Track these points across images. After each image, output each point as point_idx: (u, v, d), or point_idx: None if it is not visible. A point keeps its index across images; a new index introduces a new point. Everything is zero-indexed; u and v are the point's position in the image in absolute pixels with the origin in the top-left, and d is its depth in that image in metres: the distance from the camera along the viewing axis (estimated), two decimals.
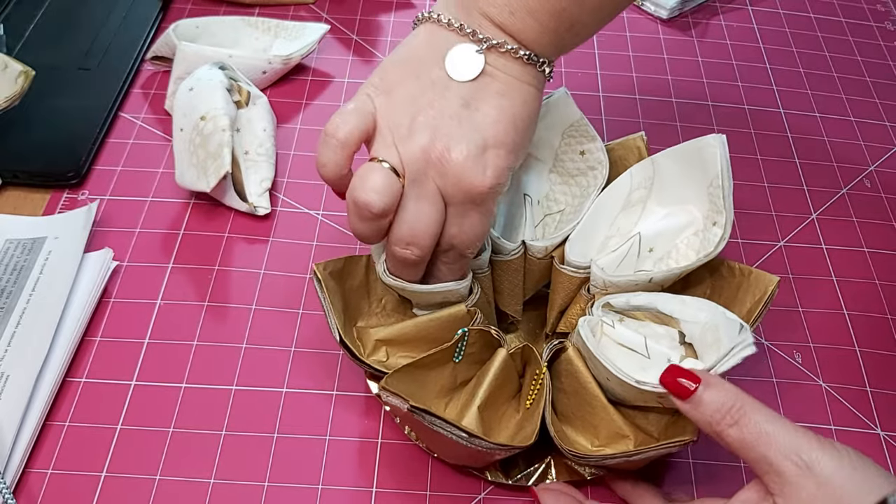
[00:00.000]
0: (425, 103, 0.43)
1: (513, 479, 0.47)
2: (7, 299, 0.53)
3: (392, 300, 0.51)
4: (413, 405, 0.42)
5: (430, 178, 0.42)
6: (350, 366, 0.52)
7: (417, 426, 0.45)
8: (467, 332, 0.47)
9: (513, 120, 0.43)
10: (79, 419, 0.49)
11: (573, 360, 0.46)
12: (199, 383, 0.51)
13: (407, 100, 0.43)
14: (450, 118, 0.42)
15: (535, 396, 0.47)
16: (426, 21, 0.45)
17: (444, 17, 0.44)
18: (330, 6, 0.78)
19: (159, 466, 0.47)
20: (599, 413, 0.46)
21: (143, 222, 0.59)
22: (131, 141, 0.65)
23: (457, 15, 0.44)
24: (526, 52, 0.43)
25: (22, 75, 0.61)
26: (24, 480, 0.46)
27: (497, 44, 0.43)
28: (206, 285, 0.56)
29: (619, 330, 0.47)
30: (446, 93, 0.43)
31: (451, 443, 0.43)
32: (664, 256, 0.51)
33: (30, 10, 0.74)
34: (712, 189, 0.48)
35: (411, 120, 0.43)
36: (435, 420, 0.42)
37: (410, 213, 0.43)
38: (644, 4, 0.80)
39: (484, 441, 0.42)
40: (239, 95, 0.62)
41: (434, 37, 0.44)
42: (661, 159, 0.51)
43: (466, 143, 0.42)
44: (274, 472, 0.48)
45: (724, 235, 0.47)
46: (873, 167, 0.67)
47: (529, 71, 0.44)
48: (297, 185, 0.63)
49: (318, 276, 0.47)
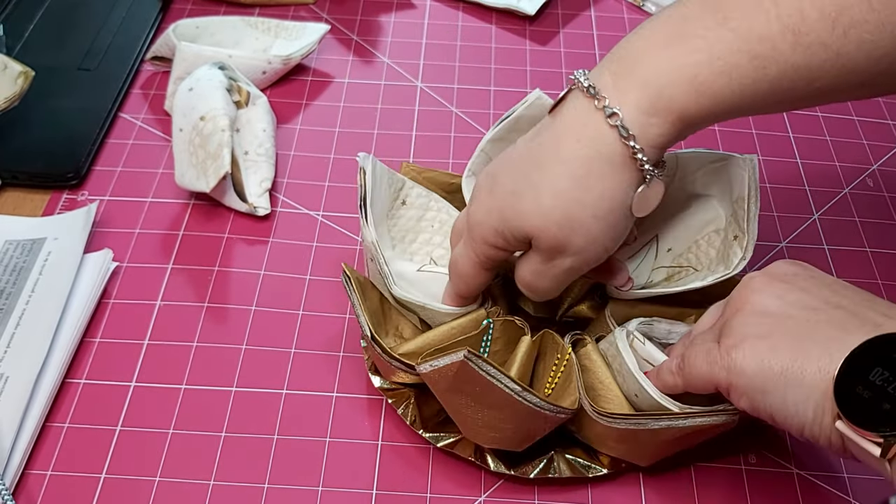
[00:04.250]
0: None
1: (515, 471, 0.47)
2: (6, 300, 0.53)
3: (408, 328, 0.50)
4: (471, 351, 0.41)
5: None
6: (350, 367, 0.52)
7: (460, 392, 0.44)
8: (492, 323, 0.47)
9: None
10: (78, 420, 0.49)
11: (592, 355, 0.47)
12: (199, 384, 0.51)
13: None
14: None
15: (557, 381, 0.47)
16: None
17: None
18: (330, 6, 0.78)
19: (159, 468, 0.47)
20: (616, 407, 0.46)
21: (143, 223, 0.59)
22: (131, 141, 0.65)
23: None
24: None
25: (22, 76, 0.61)
26: (23, 482, 0.46)
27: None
28: (205, 286, 0.56)
29: (649, 347, 0.46)
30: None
31: (496, 406, 0.42)
32: (684, 252, 0.50)
33: (30, 10, 0.74)
34: (737, 207, 0.48)
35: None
36: (490, 368, 0.41)
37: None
38: (644, 5, 0.80)
39: (535, 396, 0.42)
40: (239, 95, 0.62)
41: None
42: (685, 156, 0.50)
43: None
44: (274, 473, 0.47)
45: (744, 256, 0.47)
46: (876, 166, 0.67)
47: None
48: (297, 186, 0.62)
49: (348, 274, 0.47)
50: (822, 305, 0.40)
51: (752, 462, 0.49)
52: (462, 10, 0.78)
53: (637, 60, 0.41)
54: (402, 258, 0.52)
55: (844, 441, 0.37)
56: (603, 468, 0.47)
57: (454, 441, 0.48)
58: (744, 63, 0.39)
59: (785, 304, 0.40)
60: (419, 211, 0.53)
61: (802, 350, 0.38)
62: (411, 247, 0.53)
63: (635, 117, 0.41)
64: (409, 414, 0.49)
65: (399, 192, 0.53)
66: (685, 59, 0.40)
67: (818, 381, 0.37)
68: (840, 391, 0.36)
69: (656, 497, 0.48)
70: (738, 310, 0.42)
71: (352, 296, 0.47)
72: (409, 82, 0.71)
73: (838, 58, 0.39)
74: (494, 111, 0.69)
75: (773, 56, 0.39)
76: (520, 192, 0.43)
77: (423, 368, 0.43)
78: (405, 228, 0.53)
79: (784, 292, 0.41)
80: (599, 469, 0.47)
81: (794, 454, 0.50)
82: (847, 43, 0.39)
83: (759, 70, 0.40)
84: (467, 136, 0.67)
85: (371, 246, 0.48)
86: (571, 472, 0.47)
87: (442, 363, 0.42)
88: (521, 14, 0.77)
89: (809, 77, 0.40)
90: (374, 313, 0.49)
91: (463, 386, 0.43)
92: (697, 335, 0.45)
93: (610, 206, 0.42)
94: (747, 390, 0.39)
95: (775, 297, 0.41)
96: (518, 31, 0.77)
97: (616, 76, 0.42)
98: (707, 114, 0.41)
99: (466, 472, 0.48)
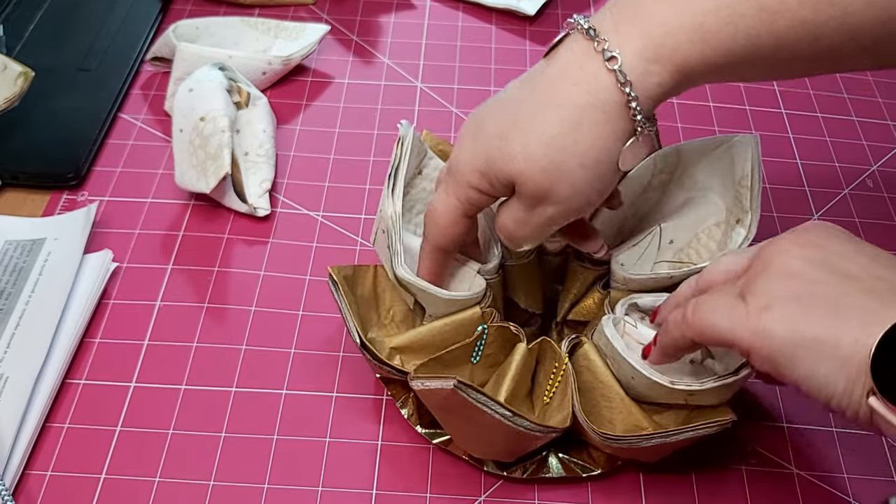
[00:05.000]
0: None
1: (508, 472, 0.47)
2: (6, 300, 0.53)
3: (400, 311, 0.50)
4: (460, 381, 0.41)
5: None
6: (350, 367, 0.52)
7: (451, 412, 0.44)
8: (486, 329, 0.47)
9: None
10: (78, 421, 0.49)
11: (589, 355, 0.47)
12: (199, 385, 0.51)
13: None
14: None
15: (555, 389, 0.47)
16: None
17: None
18: (330, 7, 0.78)
19: (159, 468, 0.47)
20: (617, 407, 0.46)
21: (143, 223, 0.59)
22: (131, 142, 0.65)
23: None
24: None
25: (21, 76, 0.61)
26: (23, 482, 0.46)
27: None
28: (205, 286, 0.56)
29: (641, 329, 0.46)
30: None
31: (487, 427, 0.42)
32: (685, 247, 0.50)
33: (30, 10, 0.74)
34: (740, 188, 0.48)
35: None
36: (480, 396, 0.41)
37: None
38: None
39: (525, 420, 0.42)
40: (239, 96, 0.62)
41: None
42: (687, 148, 0.50)
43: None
44: (274, 473, 0.47)
45: (748, 236, 0.47)
46: (876, 167, 0.67)
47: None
48: (297, 187, 0.62)
49: (334, 279, 0.47)
50: (860, 273, 0.38)
51: (752, 462, 0.49)
52: (462, 10, 0.78)
53: (641, 5, 0.41)
54: (408, 229, 0.51)
55: (873, 416, 0.36)
56: (598, 468, 0.47)
57: (450, 439, 0.48)
58: (751, 14, 0.39)
59: (820, 269, 0.38)
60: (431, 183, 0.52)
61: (837, 319, 0.36)
62: (417, 217, 0.52)
63: (635, 63, 0.40)
64: (408, 408, 0.49)
65: (420, 162, 0.52)
66: (692, 6, 0.39)
67: (853, 353, 0.35)
68: (877, 366, 0.34)
69: (656, 497, 0.48)
70: (768, 269, 0.39)
71: (340, 302, 0.47)
72: (409, 82, 0.71)
73: (846, 16, 0.39)
74: None
75: (780, 9, 0.39)
76: (507, 135, 0.42)
77: (415, 385, 0.43)
78: (415, 199, 0.52)
79: (820, 255, 0.39)
80: (594, 469, 0.47)
81: (794, 454, 0.50)
82: (856, 1, 0.39)
83: (766, 23, 0.39)
84: None
85: (389, 219, 0.47)
86: (566, 472, 0.47)
87: (432, 385, 0.42)
88: (521, 14, 0.77)
89: (816, 34, 0.39)
90: (366, 298, 0.49)
91: (453, 408, 0.43)
92: (714, 286, 0.42)
93: (598, 157, 0.41)
94: (773, 355, 0.37)
95: (809, 261, 0.38)
96: (518, 32, 0.77)
97: (618, 19, 0.41)
98: (709, 65, 0.40)
99: (466, 473, 0.48)
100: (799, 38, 0.39)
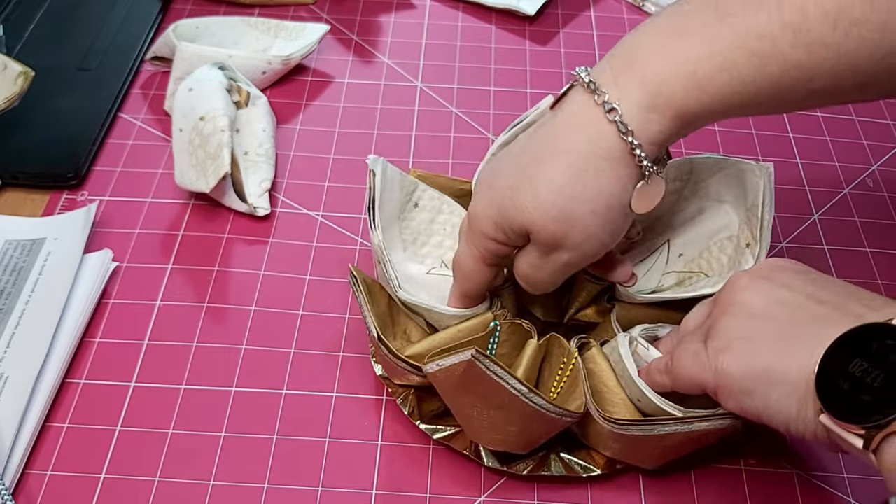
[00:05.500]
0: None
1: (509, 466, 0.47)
2: (6, 300, 0.53)
3: (416, 331, 0.50)
4: (478, 350, 0.41)
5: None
6: (350, 367, 0.52)
7: (467, 392, 0.44)
8: (499, 325, 0.47)
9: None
10: (78, 420, 0.49)
11: (596, 359, 0.47)
12: (199, 385, 0.51)
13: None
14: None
15: (563, 384, 0.47)
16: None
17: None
18: (330, 6, 0.78)
19: (159, 468, 0.47)
20: (621, 411, 0.46)
21: (143, 223, 0.59)
22: (131, 141, 0.65)
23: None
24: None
25: (21, 76, 0.61)
26: (23, 482, 0.46)
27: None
28: (205, 286, 0.56)
29: (652, 352, 0.46)
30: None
31: (502, 408, 0.42)
32: (696, 258, 0.50)
33: (30, 10, 0.74)
34: (750, 214, 0.48)
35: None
36: (497, 368, 0.41)
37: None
38: (644, 5, 0.80)
39: (540, 399, 0.42)
40: (238, 96, 0.62)
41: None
42: (699, 160, 0.50)
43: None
44: (274, 473, 0.47)
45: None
46: (876, 166, 0.67)
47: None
48: (296, 186, 0.62)
49: (355, 275, 0.47)
50: (805, 301, 0.40)
51: (752, 463, 0.49)
52: (462, 10, 0.78)
53: (637, 57, 0.41)
54: (413, 261, 0.52)
55: (829, 434, 0.37)
56: (598, 469, 0.47)
57: (451, 434, 0.48)
58: (743, 60, 0.39)
59: (770, 303, 0.41)
60: (431, 213, 0.53)
61: (784, 348, 0.38)
62: (422, 249, 0.53)
63: (634, 113, 0.41)
64: (408, 404, 0.49)
65: (412, 194, 0.53)
66: (684, 55, 0.40)
67: (800, 377, 0.37)
68: (821, 385, 0.36)
69: (656, 498, 0.48)
70: (724, 311, 0.42)
71: (358, 295, 0.47)
72: (409, 82, 0.71)
73: (839, 57, 0.39)
74: (494, 111, 0.69)
75: (773, 54, 0.39)
76: (518, 186, 0.43)
77: (429, 368, 0.43)
78: (417, 231, 0.53)
79: (769, 290, 0.41)
80: (594, 469, 0.47)
81: (793, 454, 0.50)
82: (848, 41, 0.39)
83: (759, 68, 0.39)
84: (467, 136, 0.67)
85: (378, 249, 0.48)
86: (566, 472, 0.47)
87: (449, 363, 0.42)
88: (521, 14, 0.77)
89: (811, 75, 0.40)
90: (382, 316, 0.49)
91: (469, 386, 0.43)
92: (685, 335, 0.45)
93: (608, 202, 0.42)
94: (734, 392, 0.40)
95: (761, 296, 0.41)
96: (518, 32, 0.77)
97: (616, 72, 0.42)
98: (707, 111, 0.41)
99: (466, 472, 0.48)
100: (794, 81, 0.40)
